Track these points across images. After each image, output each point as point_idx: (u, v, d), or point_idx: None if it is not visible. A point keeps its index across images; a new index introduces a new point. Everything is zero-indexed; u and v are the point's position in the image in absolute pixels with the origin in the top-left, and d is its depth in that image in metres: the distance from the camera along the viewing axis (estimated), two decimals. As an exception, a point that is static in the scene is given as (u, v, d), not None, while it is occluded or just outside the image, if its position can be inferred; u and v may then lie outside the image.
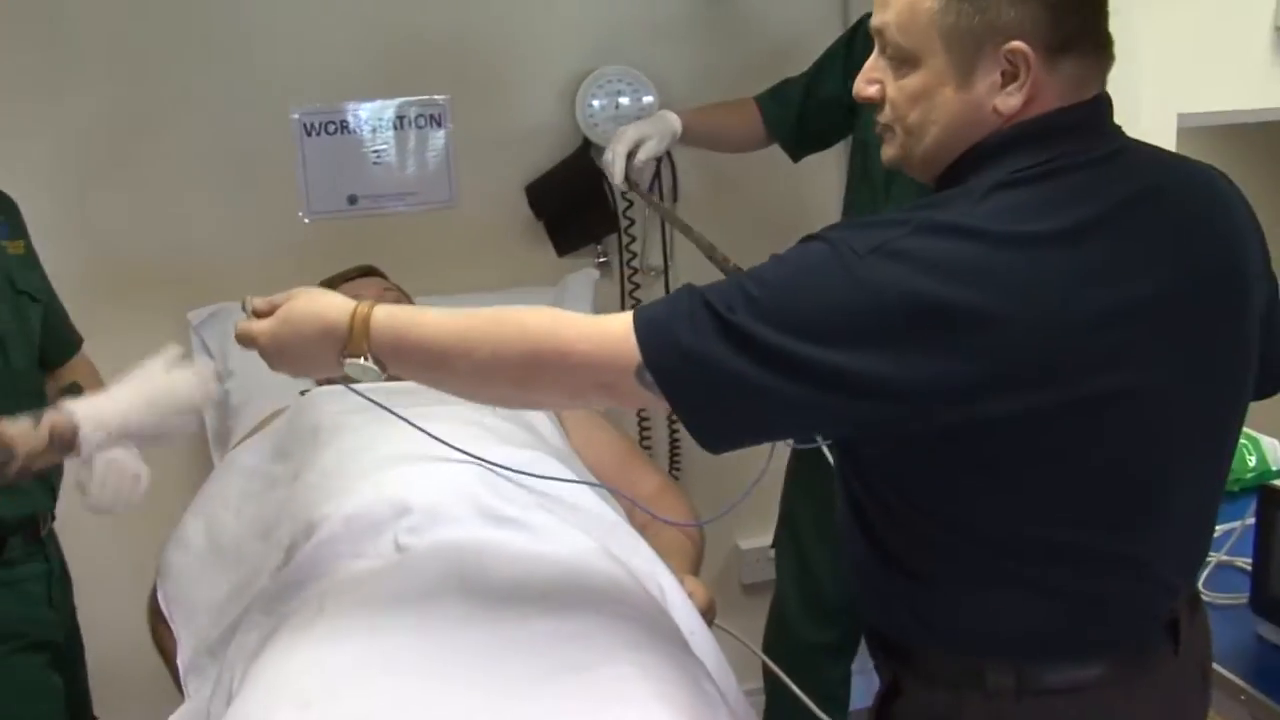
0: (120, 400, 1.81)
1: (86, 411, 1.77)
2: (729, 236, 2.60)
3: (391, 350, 1.58)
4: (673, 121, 2.75)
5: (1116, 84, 2.30)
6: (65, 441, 1.76)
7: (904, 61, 1.46)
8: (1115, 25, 1.49)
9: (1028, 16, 1.39)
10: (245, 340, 1.70)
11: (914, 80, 1.46)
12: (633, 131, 2.72)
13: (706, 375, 1.39)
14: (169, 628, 2.20)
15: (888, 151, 1.55)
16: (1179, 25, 2.55)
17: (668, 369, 1.41)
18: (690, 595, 2.07)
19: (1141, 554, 1.49)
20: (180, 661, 2.13)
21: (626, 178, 2.72)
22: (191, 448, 2.88)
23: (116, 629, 2.43)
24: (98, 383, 2.23)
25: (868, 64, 1.52)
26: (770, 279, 1.40)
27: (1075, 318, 1.36)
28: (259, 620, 1.98)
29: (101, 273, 2.88)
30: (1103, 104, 1.49)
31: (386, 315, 1.59)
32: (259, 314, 1.70)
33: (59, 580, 2.22)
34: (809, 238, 1.44)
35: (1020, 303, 1.34)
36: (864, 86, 1.52)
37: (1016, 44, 1.39)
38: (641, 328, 1.43)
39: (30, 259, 2.19)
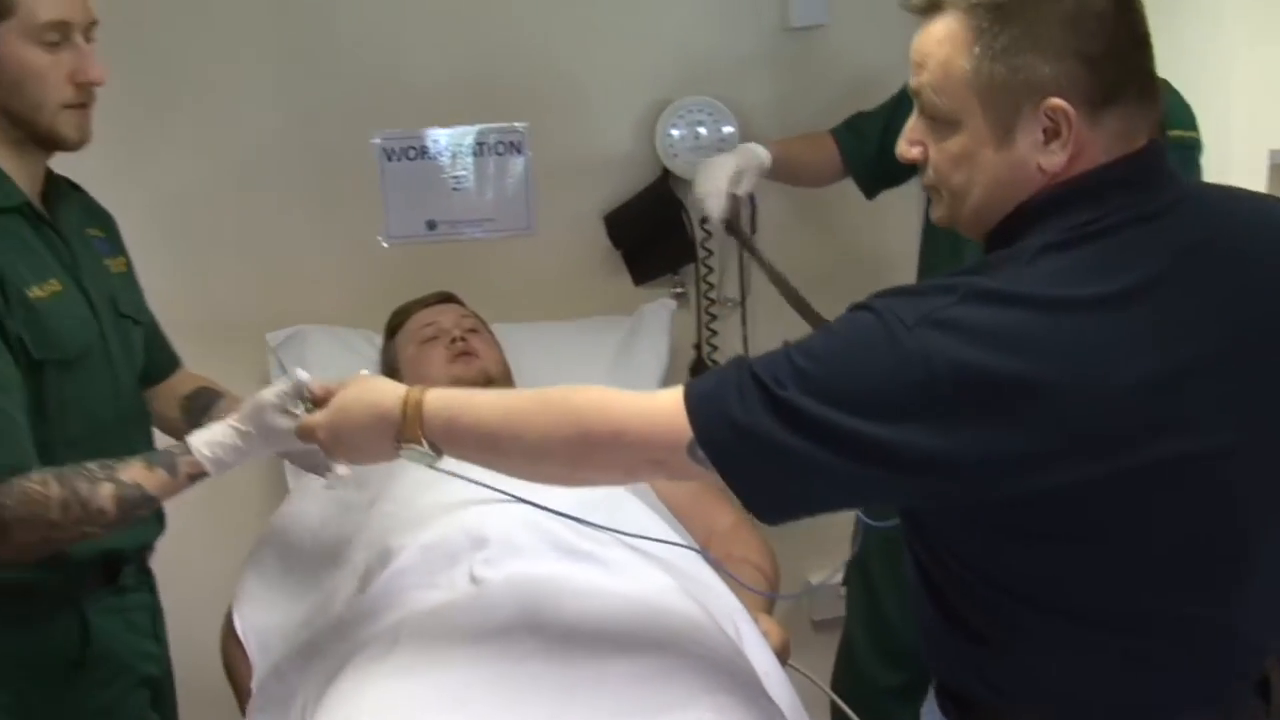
0: (225, 425, 1.85)
1: (206, 449, 1.83)
2: (807, 269, 2.59)
3: (445, 434, 1.60)
4: (762, 155, 2.68)
5: (1207, 121, 2.28)
6: (198, 479, 1.84)
7: (943, 123, 1.44)
8: (1205, 61, 1.45)
9: (1064, 73, 1.36)
10: (306, 436, 1.75)
11: (955, 143, 1.43)
12: (729, 164, 2.64)
13: (758, 450, 1.38)
14: (242, 651, 2.20)
15: (937, 211, 1.53)
16: (1271, 60, 2.50)
17: (719, 444, 1.40)
18: (765, 635, 2.05)
19: (1225, 616, 1.44)
20: (253, 685, 2.13)
21: (725, 218, 2.64)
22: (266, 470, 2.89)
23: (193, 660, 2.40)
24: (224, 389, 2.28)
25: (909, 125, 1.49)
26: (819, 351, 1.39)
27: (1126, 384, 1.32)
28: (333, 648, 1.98)
29: (183, 293, 2.91)
30: (1155, 152, 1.44)
31: (439, 400, 1.61)
32: (316, 400, 1.76)
33: (160, 614, 2.20)
34: (857, 306, 1.41)
35: (1070, 371, 1.31)
36: (906, 148, 1.50)
37: (1056, 101, 1.36)
38: (692, 403, 1.43)
39: (131, 277, 2.16)
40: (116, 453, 1.88)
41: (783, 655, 2.07)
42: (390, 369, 2.76)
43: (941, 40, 1.41)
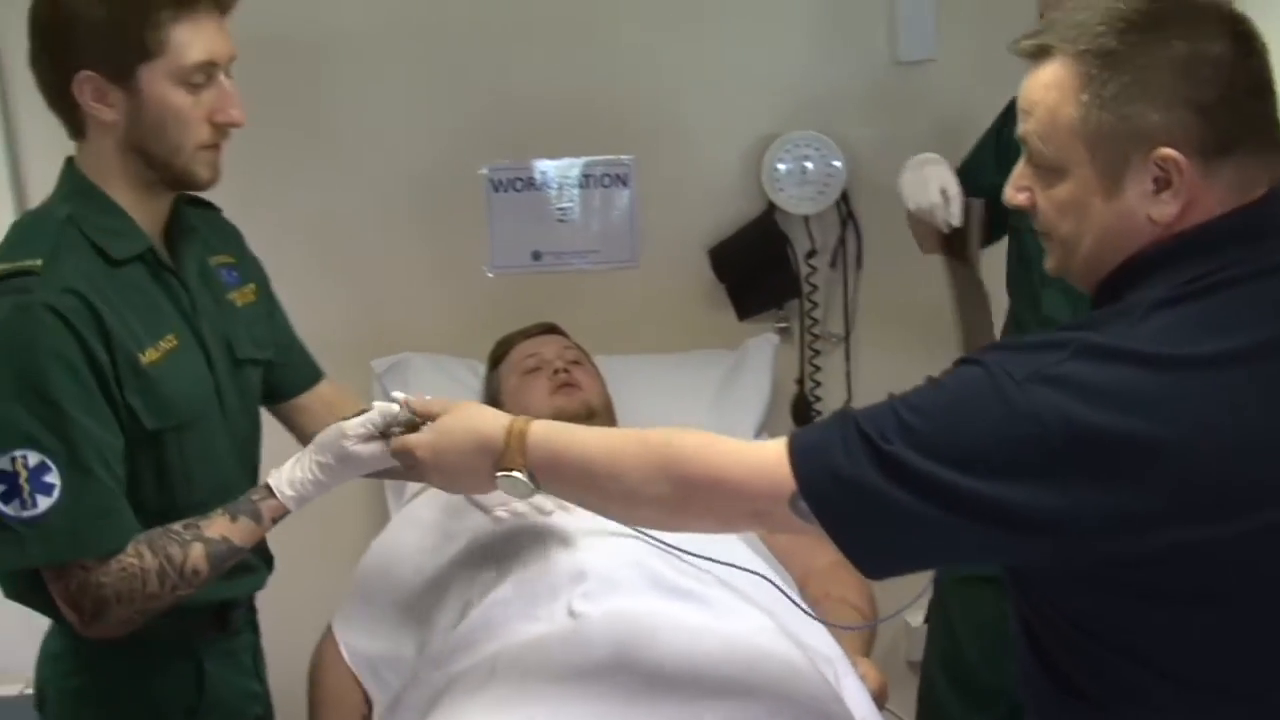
0: (304, 462, 1.84)
1: (290, 487, 1.82)
2: (911, 298, 2.56)
3: (545, 466, 1.60)
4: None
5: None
6: (280, 519, 1.84)
7: (1051, 171, 1.41)
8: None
9: (1175, 122, 1.33)
10: (403, 454, 1.74)
11: (1062, 190, 1.40)
12: (944, 171, 2.52)
13: (863, 505, 1.36)
14: (341, 680, 2.22)
15: (1049, 262, 1.50)
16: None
17: (823, 497, 1.39)
18: (863, 678, 2.02)
19: None
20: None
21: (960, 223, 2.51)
22: (364, 495, 2.92)
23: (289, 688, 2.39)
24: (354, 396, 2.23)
25: (1016, 171, 1.47)
26: (926, 406, 1.37)
27: (1244, 444, 1.29)
28: (430, 677, 1.99)
29: (291, 316, 2.95)
30: (1275, 203, 1.39)
31: (542, 431, 1.61)
32: (416, 413, 1.76)
33: (260, 650, 2.16)
34: (965, 360, 1.39)
35: (1185, 430, 1.28)
36: (1014, 194, 1.47)
37: (1166, 151, 1.33)
38: (796, 455, 1.41)
39: (261, 306, 2.08)
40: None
41: (880, 699, 2.04)
42: (493, 399, 2.78)
43: (1049, 86, 1.39)
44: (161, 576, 1.73)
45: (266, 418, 2.16)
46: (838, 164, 2.98)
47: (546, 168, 3.03)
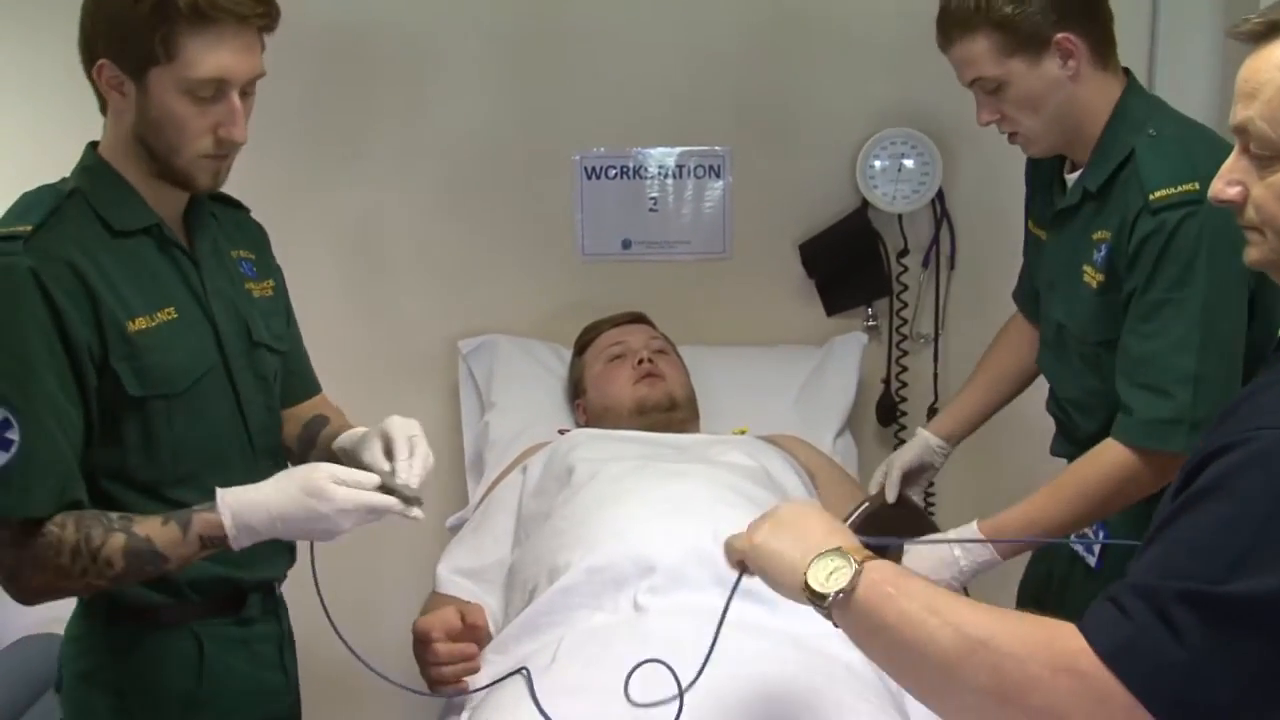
0: (270, 494, 1.73)
1: (235, 509, 1.71)
2: (1004, 301, 2.52)
3: (860, 614, 1.33)
4: (933, 443, 2.49)
5: None
6: (215, 545, 1.73)
7: (1275, 157, 1.27)
8: None
9: None
10: (733, 552, 1.56)
11: None
12: (907, 456, 2.46)
13: (1230, 676, 1.12)
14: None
15: (1253, 254, 1.34)
16: None
17: (1186, 704, 1.13)
18: None
19: None
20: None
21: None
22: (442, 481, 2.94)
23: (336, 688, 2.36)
24: (340, 415, 2.15)
25: (1227, 164, 1.34)
26: (1237, 520, 1.14)
27: None
28: (491, 659, 2.01)
29: (380, 298, 2.99)
30: None
31: (878, 572, 1.33)
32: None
33: (289, 643, 2.07)
34: (1218, 454, 1.19)
35: None
36: (1223, 188, 1.33)
37: None
38: (1120, 668, 1.14)
39: (278, 301, 2.06)
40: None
41: None
42: (576, 384, 2.80)
43: None
44: (75, 554, 1.69)
45: None
46: (934, 163, 2.94)
47: (641, 156, 3.02)
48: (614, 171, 3.02)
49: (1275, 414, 1.18)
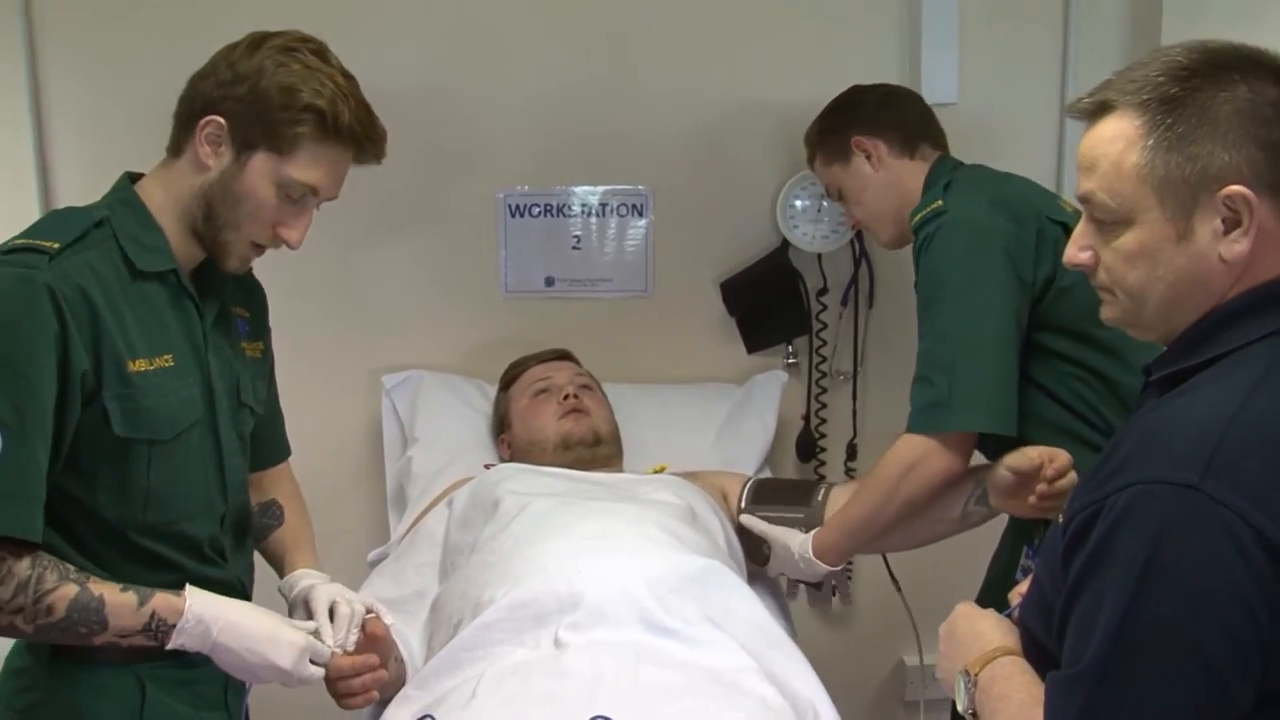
0: (241, 613, 1.80)
1: (201, 605, 1.76)
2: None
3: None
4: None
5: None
6: (159, 633, 1.74)
7: (1116, 223, 1.40)
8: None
9: (1244, 160, 1.32)
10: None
11: (1129, 240, 1.39)
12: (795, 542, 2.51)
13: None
14: None
15: (1108, 312, 1.48)
16: None
17: None
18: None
19: None
20: None
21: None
22: (370, 516, 2.92)
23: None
24: (297, 498, 2.19)
25: (1077, 231, 1.46)
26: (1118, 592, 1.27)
27: None
28: (411, 694, 1.99)
29: (306, 330, 2.97)
30: None
31: (984, 684, 1.47)
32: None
33: (236, 683, 1.97)
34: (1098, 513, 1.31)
35: None
36: (1076, 253, 1.46)
37: (1234, 188, 1.32)
38: None
39: (264, 365, 2.09)
40: (199, 551, 1.87)
41: None
42: (501, 419, 2.80)
43: (1113, 139, 1.39)
44: (20, 589, 1.67)
45: None
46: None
47: (563, 193, 3.05)
48: (537, 209, 3.04)
49: (1140, 468, 1.29)
